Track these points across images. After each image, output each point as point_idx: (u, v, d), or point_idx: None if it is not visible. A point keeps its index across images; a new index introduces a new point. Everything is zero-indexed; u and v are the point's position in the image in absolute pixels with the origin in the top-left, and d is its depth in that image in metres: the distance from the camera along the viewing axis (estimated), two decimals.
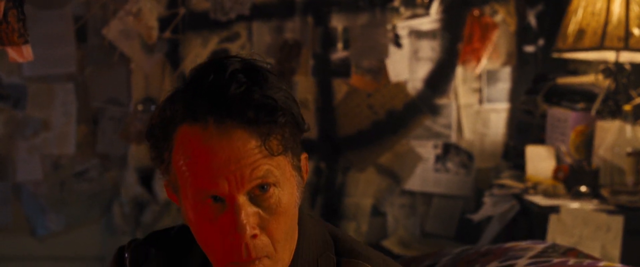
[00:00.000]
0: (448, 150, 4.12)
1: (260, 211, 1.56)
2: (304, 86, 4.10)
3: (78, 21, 4.09)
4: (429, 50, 4.08)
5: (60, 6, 4.06)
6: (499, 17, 4.00)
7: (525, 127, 3.95)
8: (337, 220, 4.08)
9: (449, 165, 4.13)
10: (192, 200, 1.57)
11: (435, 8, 4.06)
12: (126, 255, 1.80)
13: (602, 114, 3.50)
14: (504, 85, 4.05)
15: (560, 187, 3.46)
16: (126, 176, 4.12)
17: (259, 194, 1.55)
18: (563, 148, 3.57)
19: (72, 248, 4.16)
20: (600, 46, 3.31)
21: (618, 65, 3.47)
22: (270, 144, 1.54)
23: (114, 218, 4.16)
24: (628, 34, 3.29)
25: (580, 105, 3.63)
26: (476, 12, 4.01)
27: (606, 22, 3.32)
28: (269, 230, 1.57)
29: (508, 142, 4.04)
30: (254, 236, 1.55)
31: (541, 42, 3.95)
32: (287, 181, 1.59)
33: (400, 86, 4.11)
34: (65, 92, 4.11)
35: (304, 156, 1.68)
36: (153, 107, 4.08)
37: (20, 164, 4.16)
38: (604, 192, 3.37)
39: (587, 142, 3.55)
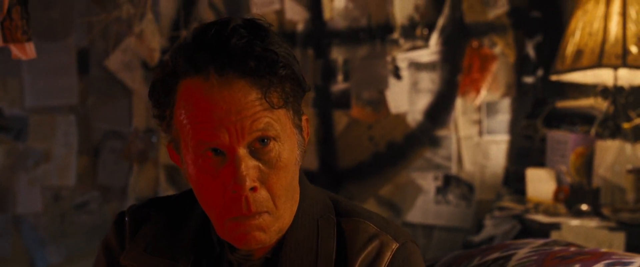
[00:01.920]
0: (449, 182, 4.12)
1: (260, 165, 1.57)
2: None
3: (80, 53, 4.13)
4: (429, 81, 4.10)
5: (63, 38, 4.11)
6: (497, 49, 4.04)
7: (525, 152, 3.95)
8: None
9: (450, 197, 4.12)
10: (193, 154, 1.58)
11: (434, 40, 4.10)
12: (126, 218, 1.81)
13: (601, 135, 3.51)
14: (503, 116, 4.06)
15: (561, 207, 3.46)
16: None
17: (259, 147, 1.57)
18: (563, 168, 3.57)
19: None
20: (598, 64, 3.34)
21: (616, 86, 3.50)
22: (271, 96, 1.55)
23: None
24: (625, 51, 3.33)
25: (580, 128, 3.64)
26: (475, 44, 4.05)
27: (604, 41, 3.36)
28: (268, 184, 1.58)
29: (508, 168, 4.04)
30: (254, 189, 1.56)
31: (540, 72, 3.97)
32: (288, 137, 1.61)
33: (401, 118, 4.13)
34: (67, 124, 4.14)
35: (305, 117, 1.70)
36: (154, 138, 4.09)
37: (21, 195, 4.16)
38: (605, 211, 3.36)
39: (587, 164, 3.55)
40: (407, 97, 4.12)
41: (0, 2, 2.43)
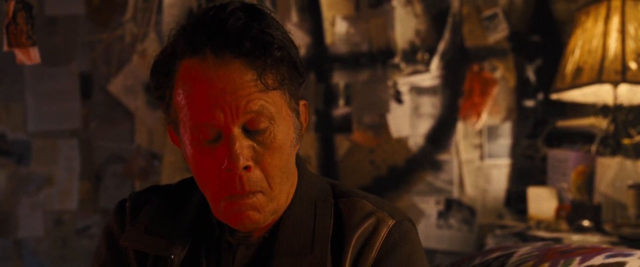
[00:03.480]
0: (450, 206, 4.12)
1: (254, 145, 1.59)
2: (306, 142, 4.14)
3: (83, 77, 4.15)
4: (430, 106, 4.12)
5: (66, 63, 4.14)
6: (498, 73, 4.06)
7: (527, 172, 3.95)
8: None
9: (452, 221, 4.11)
10: (190, 134, 1.61)
11: (435, 64, 4.13)
12: (127, 204, 1.82)
13: (602, 153, 3.52)
14: (504, 140, 4.07)
15: (563, 224, 3.45)
16: None
17: (254, 128, 1.58)
18: (564, 185, 3.57)
19: None
20: (598, 80, 3.36)
21: (616, 104, 3.51)
22: (266, 78, 1.58)
23: None
24: (625, 67, 3.35)
25: (581, 146, 3.65)
26: (476, 68, 4.07)
27: (603, 58, 3.38)
28: (263, 164, 1.60)
29: (510, 188, 4.03)
30: (248, 169, 1.58)
31: (540, 96, 3.99)
32: (283, 120, 1.63)
33: (402, 142, 4.14)
34: (69, 148, 4.15)
35: (303, 102, 1.72)
36: (156, 162, 4.10)
37: (22, 220, 4.16)
38: (607, 227, 3.35)
39: (588, 182, 3.55)
40: (409, 121, 4.13)
41: (5, 7, 2.46)
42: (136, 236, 1.75)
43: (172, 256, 1.71)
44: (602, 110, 3.56)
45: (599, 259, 2.12)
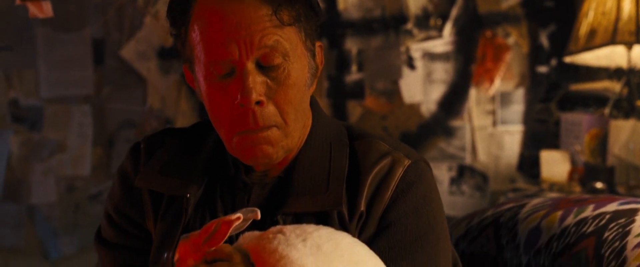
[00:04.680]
0: (463, 172, 4.11)
1: (268, 81, 1.59)
2: None
3: (95, 43, 4.16)
4: (443, 72, 4.11)
5: (78, 29, 4.14)
6: (511, 39, 4.04)
7: (540, 136, 3.94)
8: None
9: (464, 187, 4.11)
10: (204, 70, 1.61)
11: (448, 30, 4.12)
12: (142, 146, 1.82)
13: (616, 116, 3.51)
14: (517, 107, 4.06)
15: (576, 186, 3.44)
16: None
17: (268, 65, 1.58)
18: (577, 147, 3.56)
19: None
20: (612, 42, 3.34)
21: (630, 68, 3.50)
22: (281, 13, 1.58)
23: None
24: (639, 28, 3.33)
25: (594, 110, 3.64)
26: (488, 34, 4.06)
27: (617, 19, 3.37)
28: (276, 100, 1.60)
29: (523, 153, 4.02)
30: (260, 103, 1.58)
31: (554, 62, 3.97)
32: (298, 58, 1.63)
33: (414, 108, 4.13)
34: (82, 114, 4.15)
35: (319, 43, 1.72)
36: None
37: (35, 186, 4.16)
38: (620, 189, 3.34)
39: (601, 146, 3.54)
40: (421, 87, 4.13)
41: None
42: (151, 177, 1.75)
43: (188, 196, 1.70)
44: (616, 73, 3.55)
45: (612, 206, 2.12)
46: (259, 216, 1.53)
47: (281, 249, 1.51)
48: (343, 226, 1.65)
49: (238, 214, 1.50)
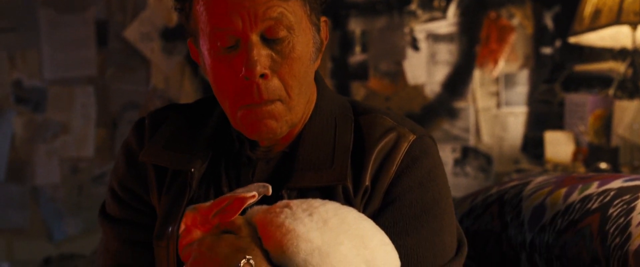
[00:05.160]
0: (467, 153, 4.11)
1: (272, 54, 1.59)
2: None
3: (99, 24, 4.15)
4: (447, 53, 4.10)
5: (82, 10, 4.13)
6: (515, 20, 4.04)
7: (544, 117, 3.94)
8: None
9: (468, 169, 4.10)
10: (208, 43, 1.60)
11: (452, 11, 4.11)
12: (146, 121, 1.81)
13: (620, 97, 3.50)
14: (521, 88, 4.05)
15: (581, 166, 3.44)
16: None
17: (273, 38, 1.57)
18: (582, 127, 3.56)
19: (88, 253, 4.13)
20: (616, 21, 3.33)
21: (635, 48, 3.49)
22: None
23: None
24: None
25: (599, 90, 3.64)
26: (493, 15, 4.05)
27: None
28: (280, 73, 1.59)
29: (527, 134, 4.02)
30: (265, 76, 1.57)
31: (558, 43, 3.97)
32: (302, 31, 1.62)
33: (418, 89, 4.13)
34: (85, 95, 4.15)
35: (324, 18, 1.71)
36: None
37: (39, 167, 4.17)
38: (624, 169, 3.34)
39: (606, 126, 3.54)
40: (425, 68, 4.12)
41: None
42: (155, 151, 1.75)
43: (192, 170, 1.70)
44: (620, 53, 3.54)
45: (617, 183, 2.12)
46: (270, 192, 1.53)
47: (288, 223, 1.51)
48: (348, 201, 1.64)
49: (253, 192, 1.50)
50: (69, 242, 4.16)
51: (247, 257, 1.47)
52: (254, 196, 1.50)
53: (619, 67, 3.58)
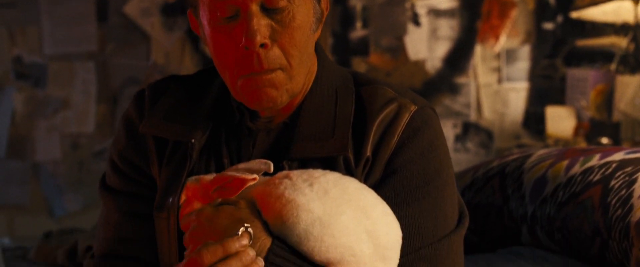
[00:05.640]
0: (468, 129, 4.10)
1: (272, 23, 1.58)
2: None
3: (99, 0, 4.13)
4: (448, 28, 4.09)
5: None
6: None
7: (545, 92, 3.93)
8: None
9: (469, 145, 4.10)
10: (208, 13, 1.60)
11: None
12: (146, 92, 1.81)
13: (622, 72, 3.49)
14: (523, 64, 4.04)
15: (582, 141, 3.44)
16: None
17: (273, 7, 1.56)
18: (583, 102, 3.55)
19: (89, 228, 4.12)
20: None
21: (637, 23, 3.48)
22: None
23: None
24: None
25: (600, 65, 3.63)
26: None
27: None
28: (281, 42, 1.59)
29: (528, 109, 4.01)
30: (265, 46, 1.57)
31: (560, 19, 3.95)
32: (303, 1, 1.62)
33: (419, 65, 4.11)
34: (86, 71, 4.14)
35: None
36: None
37: (40, 143, 4.16)
38: (626, 144, 3.34)
39: (607, 101, 3.53)
40: (426, 44, 4.11)
41: None
42: (155, 123, 1.74)
43: (192, 141, 1.70)
44: (622, 28, 3.53)
45: (619, 155, 2.12)
46: (272, 169, 1.53)
47: (288, 194, 1.51)
48: (349, 172, 1.64)
49: (254, 175, 1.50)
50: (69, 218, 4.16)
51: (246, 225, 1.46)
52: (254, 179, 1.50)
53: (621, 42, 3.57)
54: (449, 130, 4.10)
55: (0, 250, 2.85)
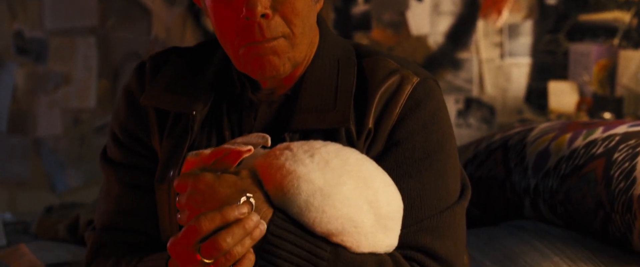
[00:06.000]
0: (470, 105, 4.09)
1: None
2: None
3: None
4: (450, 3, 4.07)
5: None
6: None
7: (548, 67, 3.91)
8: None
9: (471, 120, 4.09)
10: None
11: None
12: (147, 64, 1.80)
13: (625, 46, 3.48)
14: (525, 39, 4.02)
15: (585, 116, 3.43)
16: None
17: None
18: (586, 77, 3.54)
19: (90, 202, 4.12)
20: None
21: None
22: None
23: None
24: None
25: (604, 40, 3.62)
26: None
27: None
28: (283, 11, 1.58)
29: (530, 84, 4.00)
30: (266, 16, 1.56)
31: None
32: None
33: (422, 40, 4.10)
34: (87, 46, 4.13)
35: None
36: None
37: (41, 118, 4.15)
38: (628, 119, 3.32)
39: (610, 76, 3.52)
40: (429, 19, 4.09)
41: None
42: (156, 94, 1.74)
43: (194, 113, 1.69)
44: (626, 3, 3.52)
45: (622, 128, 2.12)
46: (269, 143, 1.52)
47: (288, 164, 1.50)
48: (351, 144, 1.63)
49: (249, 147, 1.49)
50: (71, 194, 4.16)
51: (248, 195, 1.46)
52: (250, 150, 1.49)
53: (624, 17, 3.56)
54: (451, 105, 4.09)
55: (2, 224, 2.85)
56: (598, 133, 2.13)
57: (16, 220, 3.12)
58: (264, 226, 1.45)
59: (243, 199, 1.44)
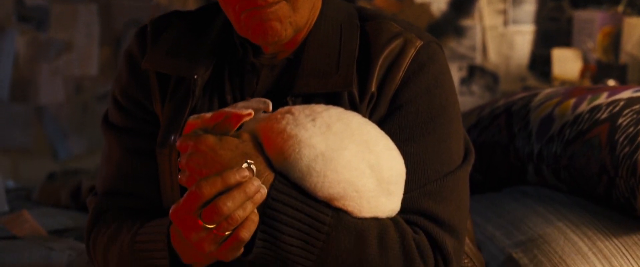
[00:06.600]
0: (473, 72, 4.08)
1: None
2: None
3: None
4: None
5: None
6: None
7: (552, 35, 3.90)
8: None
9: (474, 88, 4.08)
10: None
11: None
12: (148, 28, 1.79)
13: (629, 13, 3.47)
14: (529, 6, 4.00)
15: (588, 83, 3.42)
16: None
17: None
18: (590, 44, 3.53)
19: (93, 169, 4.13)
20: None
21: None
22: None
23: None
24: None
25: (608, 7, 3.60)
26: None
27: None
28: None
29: (534, 51, 3.98)
30: None
31: None
32: None
33: (425, 7, 4.08)
34: (88, 13, 4.11)
35: None
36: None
37: (43, 86, 4.14)
38: (633, 85, 3.32)
39: (614, 43, 3.51)
40: None
41: None
42: (158, 58, 1.73)
43: (195, 77, 1.68)
44: None
45: (627, 93, 2.11)
46: (270, 109, 1.50)
47: (289, 129, 1.49)
48: (353, 108, 1.63)
49: (249, 110, 1.47)
50: (73, 161, 4.16)
51: (249, 161, 1.45)
52: (250, 114, 1.47)
53: None
54: (454, 73, 4.08)
55: (4, 190, 2.85)
56: (602, 98, 2.12)
57: (19, 187, 3.13)
58: (265, 190, 1.44)
59: (244, 165, 1.43)
